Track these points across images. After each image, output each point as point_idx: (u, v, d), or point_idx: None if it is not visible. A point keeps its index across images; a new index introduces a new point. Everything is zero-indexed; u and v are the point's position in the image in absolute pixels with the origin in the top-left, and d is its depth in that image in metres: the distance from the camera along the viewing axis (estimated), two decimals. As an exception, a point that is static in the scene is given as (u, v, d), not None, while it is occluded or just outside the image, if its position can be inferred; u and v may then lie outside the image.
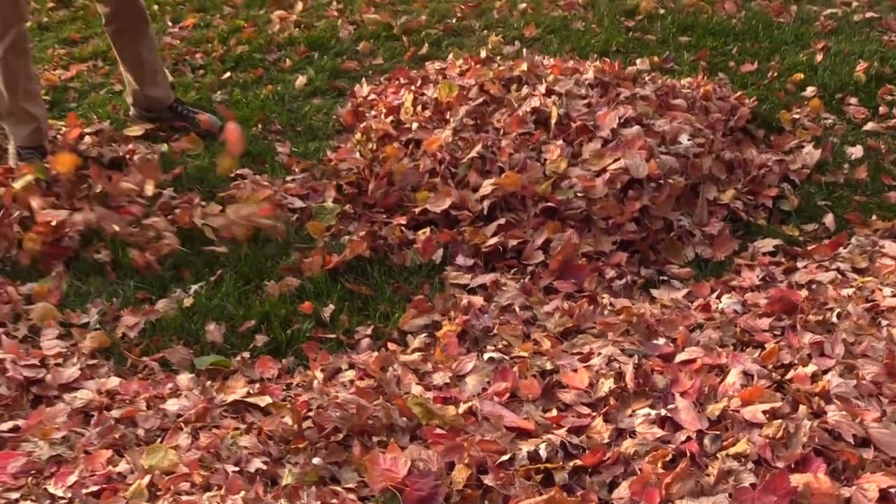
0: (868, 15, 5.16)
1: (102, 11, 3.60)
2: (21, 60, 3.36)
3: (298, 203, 3.17)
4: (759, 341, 2.43)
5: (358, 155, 3.33)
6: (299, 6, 5.06)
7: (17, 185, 3.02)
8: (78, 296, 2.71)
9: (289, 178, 3.35)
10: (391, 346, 2.52)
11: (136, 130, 3.63)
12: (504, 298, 2.67)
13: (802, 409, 2.08)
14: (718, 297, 2.69)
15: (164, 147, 3.54)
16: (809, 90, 4.13)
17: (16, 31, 3.31)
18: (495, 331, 2.52)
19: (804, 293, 2.65)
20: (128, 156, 3.42)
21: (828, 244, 2.99)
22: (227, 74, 4.19)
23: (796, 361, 2.31)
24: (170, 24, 4.79)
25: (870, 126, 3.89)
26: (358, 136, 3.50)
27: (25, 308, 2.62)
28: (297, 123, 3.79)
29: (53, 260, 2.84)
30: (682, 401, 2.13)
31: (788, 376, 2.24)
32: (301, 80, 4.12)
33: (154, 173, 3.22)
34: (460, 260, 2.86)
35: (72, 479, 1.90)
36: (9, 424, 2.13)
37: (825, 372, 2.25)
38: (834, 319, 2.49)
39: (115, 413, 2.18)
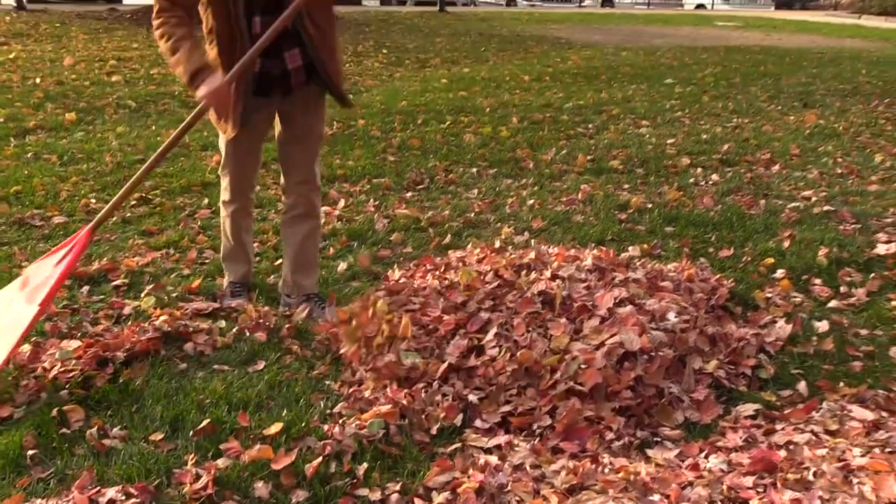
0: (826, 208, 5.27)
1: (285, 202, 3.83)
2: (245, 220, 3.84)
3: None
4: (744, 498, 2.38)
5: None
6: (341, 203, 5.19)
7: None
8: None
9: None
10: (417, 500, 2.48)
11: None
12: (516, 458, 2.63)
13: (785, 560, 2.03)
14: (706, 457, 2.65)
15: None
16: (779, 272, 4.17)
17: (245, 199, 3.79)
18: (509, 487, 2.49)
19: (783, 453, 2.62)
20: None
21: (802, 408, 2.96)
22: (279, 261, 4.26)
23: (778, 516, 2.26)
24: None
25: (833, 304, 3.91)
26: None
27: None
28: (339, 305, 3.82)
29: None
30: (677, 553, 2.08)
31: (771, 530, 2.20)
32: (342, 265, 4.19)
33: None
34: (478, 423, 2.85)
35: None
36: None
37: (804, 526, 2.20)
38: (810, 478, 2.45)
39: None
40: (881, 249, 4.55)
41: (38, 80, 9.15)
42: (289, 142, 3.67)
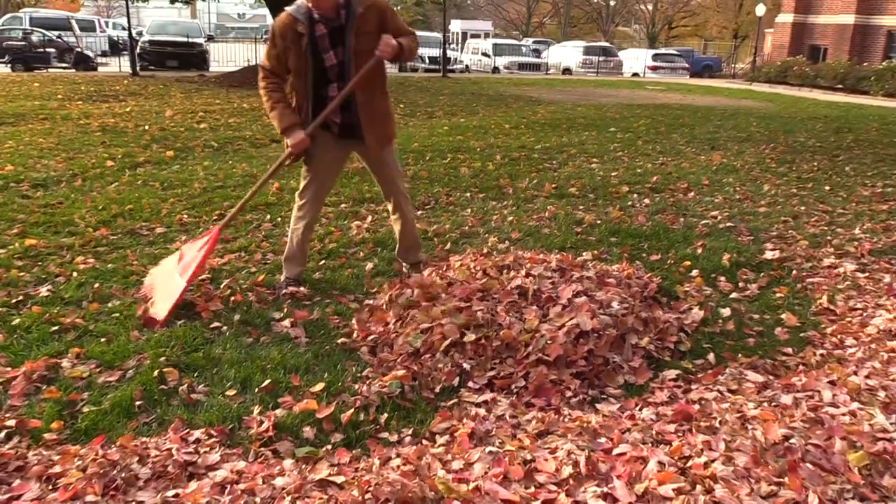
0: (728, 224, 5.26)
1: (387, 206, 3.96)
2: (309, 232, 3.81)
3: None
4: (668, 440, 2.37)
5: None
6: (369, 219, 5.17)
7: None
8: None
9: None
10: (425, 442, 2.46)
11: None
12: (499, 410, 2.63)
13: (699, 487, 2.02)
14: (640, 410, 2.64)
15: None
16: (694, 272, 4.16)
17: (314, 217, 3.81)
18: (493, 432, 2.47)
19: (697, 407, 2.60)
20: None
21: (711, 373, 2.95)
22: (322, 262, 4.25)
23: (693, 454, 2.24)
24: (287, 229, 4.86)
25: (734, 295, 3.89)
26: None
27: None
28: (368, 297, 3.81)
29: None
30: (618, 482, 2.07)
31: (689, 465, 2.18)
32: (370, 265, 4.17)
33: None
34: (471, 384, 2.82)
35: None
36: (172, 492, 2.08)
37: (713, 461, 2.18)
38: (717, 425, 2.44)
39: (241, 486, 2.13)
40: (769, 255, 4.54)
41: (146, 127, 9.14)
42: (372, 171, 3.84)
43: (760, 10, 28.25)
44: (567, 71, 29.31)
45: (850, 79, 20.84)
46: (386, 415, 2.60)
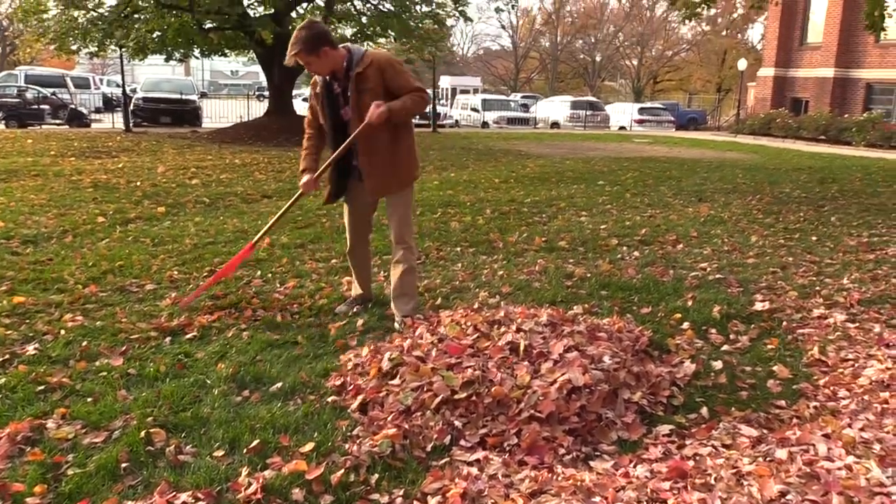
0: (717, 276, 5.28)
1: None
2: (360, 262, 4.37)
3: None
4: (663, 498, 2.34)
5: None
6: (360, 274, 5.16)
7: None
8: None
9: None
10: (416, 503, 2.42)
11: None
12: (491, 469, 2.58)
13: (695, 548, 1.98)
14: (634, 467, 2.60)
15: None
16: (685, 324, 4.16)
17: (353, 248, 4.30)
18: (486, 492, 2.43)
19: (691, 463, 2.58)
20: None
21: (704, 428, 2.92)
22: (311, 318, 4.22)
23: (689, 513, 2.21)
24: (278, 285, 4.87)
25: (725, 347, 3.89)
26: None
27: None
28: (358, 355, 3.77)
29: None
30: (613, 543, 2.03)
31: (684, 524, 2.14)
32: (360, 321, 4.15)
33: None
34: (463, 442, 2.79)
35: None
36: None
37: (709, 521, 2.15)
38: (712, 482, 2.41)
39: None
40: (758, 306, 4.55)
41: (138, 183, 9.19)
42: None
43: (742, 64, 28.99)
44: (555, 125, 29.81)
45: (832, 130, 21.26)
46: (376, 475, 2.55)
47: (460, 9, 19.21)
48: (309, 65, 3.69)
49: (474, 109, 29.89)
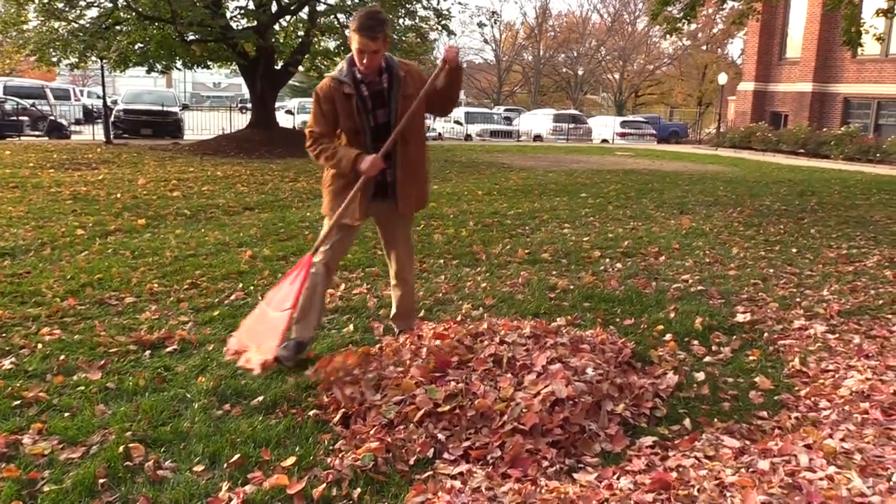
0: (699, 288, 5.32)
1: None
2: (323, 288, 3.81)
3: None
4: (646, 510, 2.34)
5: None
6: (342, 287, 5.14)
7: None
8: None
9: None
10: (399, 517, 2.40)
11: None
12: (475, 482, 2.57)
13: (679, 560, 1.98)
14: (618, 479, 2.60)
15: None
16: (668, 336, 4.18)
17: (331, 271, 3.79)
18: (469, 505, 2.42)
19: (674, 474, 2.58)
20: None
21: (687, 439, 2.93)
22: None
23: (672, 525, 2.21)
24: (259, 298, 4.81)
25: (707, 359, 3.91)
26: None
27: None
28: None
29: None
30: (597, 555, 2.02)
31: (668, 536, 2.14)
32: (345, 331, 4.12)
33: None
34: (446, 455, 2.77)
35: None
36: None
37: (692, 532, 2.15)
38: (695, 493, 2.42)
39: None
40: (740, 318, 4.59)
41: (118, 195, 9.11)
42: (389, 232, 3.87)
43: (722, 78, 29.35)
44: (538, 138, 29.97)
45: (810, 144, 21.55)
46: (359, 489, 2.53)
47: (443, 23, 19.28)
48: (376, 52, 3.40)
49: (457, 122, 29.98)
